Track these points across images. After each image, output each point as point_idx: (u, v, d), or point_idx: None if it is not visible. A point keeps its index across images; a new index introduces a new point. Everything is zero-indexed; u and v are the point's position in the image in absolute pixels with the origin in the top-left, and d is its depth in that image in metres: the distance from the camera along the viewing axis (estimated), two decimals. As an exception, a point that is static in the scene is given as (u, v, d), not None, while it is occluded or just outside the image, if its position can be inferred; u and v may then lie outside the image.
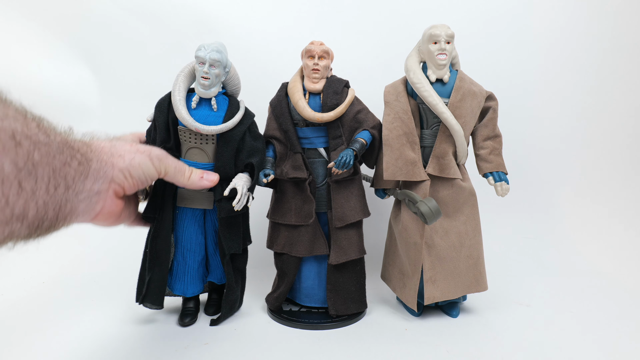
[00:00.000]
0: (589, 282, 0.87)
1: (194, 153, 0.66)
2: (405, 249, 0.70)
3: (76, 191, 0.42)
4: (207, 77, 0.63)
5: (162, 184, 0.66)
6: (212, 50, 0.64)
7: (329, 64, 0.69)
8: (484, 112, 0.71)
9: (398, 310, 0.75)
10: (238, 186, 0.64)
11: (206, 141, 0.66)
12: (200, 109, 0.66)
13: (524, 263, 0.98)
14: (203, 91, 0.65)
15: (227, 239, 0.67)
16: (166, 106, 0.66)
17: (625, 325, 0.68)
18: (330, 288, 0.70)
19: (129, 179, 0.54)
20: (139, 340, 0.63)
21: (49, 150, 0.38)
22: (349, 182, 0.70)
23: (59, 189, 0.38)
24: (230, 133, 0.65)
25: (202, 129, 0.63)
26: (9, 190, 0.33)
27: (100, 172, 0.48)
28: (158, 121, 0.66)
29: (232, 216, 0.66)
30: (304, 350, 0.61)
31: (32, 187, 0.35)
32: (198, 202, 0.68)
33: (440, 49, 0.66)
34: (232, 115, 0.66)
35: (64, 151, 0.40)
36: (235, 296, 0.69)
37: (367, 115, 0.70)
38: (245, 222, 0.72)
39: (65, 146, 0.41)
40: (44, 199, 0.36)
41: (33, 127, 0.37)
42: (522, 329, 0.67)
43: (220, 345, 0.62)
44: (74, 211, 0.43)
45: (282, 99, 0.70)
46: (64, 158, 0.40)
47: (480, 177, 0.72)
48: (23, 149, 0.34)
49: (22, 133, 0.35)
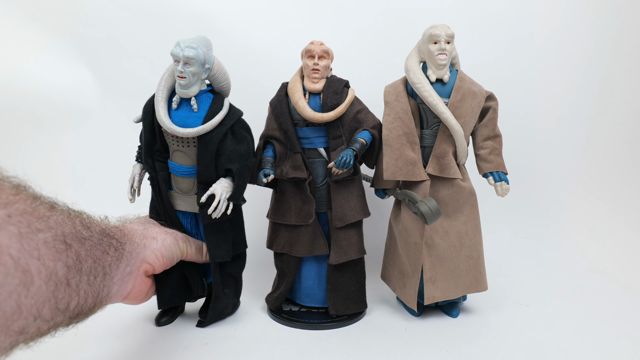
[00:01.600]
0: (590, 282, 0.87)
1: (178, 156, 0.65)
2: (405, 249, 0.70)
3: (112, 276, 0.45)
4: (182, 76, 0.60)
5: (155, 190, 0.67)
6: (186, 46, 0.59)
7: (329, 64, 0.69)
8: (484, 112, 0.71)
9: (398, 310, 0.75)
10: (216, 192, 0.61)
11: (187, 144, 0.64)
12: (181, 110, 0.63)
13: (524, 263, 0.98)
14: (182, 91, 0.62)
15: (214, 245, 0.65)
16: (151, 108, 0.64)
17: (626, 325, 0.68)
18: (330, 288, 0.70)
19: (160, 258, 0.58)
20: (139, 340, 0.63)
21: (91, 244, 0.41)
22: (349, 182, 0.70)
23: (98, 278, 0.41)
24: (209, 135, 0.62)
25: (178, 132, 0.61)
26: (59, 291, 0.35)
27: (133, 254, 0.52)
28: (144, 123, 0.65)
29: (217, 222, 0.64)
30: (304, 350, 0.61)
31: (77, 283, 0.38)
32: (186, 205, 0.67)
33: (440, 49, 0.66)
34: (212, 116, 0.62)
35: (103, 240, 0.44)
36: (222, 304, 0.68)
37: (367, 115, 0.70)
38: (238, 228, 0.69)
39: (103, 235, 0.45)
40: (84, 289, 0.39)
41: (77, 225, 0.40)
42: (522, 329, 0.67)
43: (220, 345, 0.62)
44: (109, 294, 0.46)
45: (282, 99, 0.70)
46: (103, 247, 0.44)
47: (480, 177, 0.72)
48: (73, 249, 0.37)
49: (70, 234, 0.38)
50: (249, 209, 0.75)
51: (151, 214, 0.68)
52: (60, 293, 0.35)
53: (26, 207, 0.34)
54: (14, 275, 0.30)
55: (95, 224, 0.44)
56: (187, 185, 0.66)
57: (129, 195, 0.67)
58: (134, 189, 0.67)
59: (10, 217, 0.32)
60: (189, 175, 0.66)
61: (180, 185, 0.67)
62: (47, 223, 0.35)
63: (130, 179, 0.67)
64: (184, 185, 0.66)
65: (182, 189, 0.67)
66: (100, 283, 0.42)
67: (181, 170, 0.65)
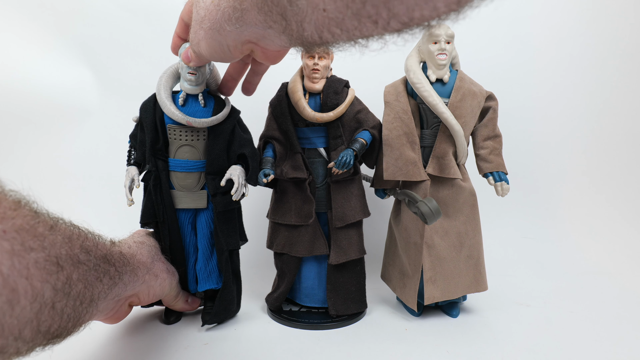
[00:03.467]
0: (590, 282, 0.87)
1: (185, 151, 0.66)
2: (405, 249, 0.70)
3: (97, 303, 0.44)
4: (194, 72, 0.64)
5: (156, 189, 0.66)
6: None
7: (329, 64, 0.69)
8: (484, 112, 0.71)
9: (398, 310, 0.75)
10: (233, 177, 0.64)
11: (197, 137, 0.66)
12: (187, 106, 0.66)
13: (524, 263, 0.98)
14: (191, 87, 0.65)
15: (226, 234, 0.67)
16: (152, 106, 0.66)
17: (626, 325, 0.68)
18: (330, 288, 0.70)
19: (151, 296, 0.59)
20: (139, 340, 0.63)
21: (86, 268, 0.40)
22: (349, 182, 0.70)
23: (84, 304, 0.40)
24: (221, 126, 0.66)
25: (195, 122, 0.64)
26: (43, 313, 0.34)
27: (128, 286, 0.51)
28: (145, 122, 0.65)
29: (228, 210, 0.67)
30: (304, 350, 0.61)
31: (62, 307, 0.37)
32: (189, 202, 0.68)
33: (440, 49, 0.66)
34: (220, 110, 0.66)
35: (100, 266, 0.43)
36: (231, 296, 0.68)
37: (367, 115, 0.70)
38: (240, 219, 0.71)
39: (102, 261, 0.44)
40: (68, 314, 0.38)
41: (76, 247, 0.39)
42: (522, 329, 0.67)
43: (220, 345, 0.62)
44: (90, 317, 0.44)
45: (282, 99, 0.70)
46: (98, 274, 0.43)
47: (480, 177, 0.72)
48: (64, 272, 0.37)
49: (66, 256, 0.37)
50: (249, 208, 0.75)
51: (147, 219, 0.67)
52: (43, 315, 0.34)
53: (23, 224, 0.33)
54: (1, 292, 0.30)
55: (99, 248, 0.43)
56: (192, 181, 0.67)
57: (130, 197, 0.65)
58: (135, 188, 0.67)
59: (5, 232, 0.31)
60: (196, 170, 0.67)
61: (183, 182, 0.67)
62: (42, 242, 0.35)
63: (128, 181, 0.65)
64: (189, 182, 0.67)
65: (186, 185, 0.67)
66: (85, 309, 0.41)
67: (188, 166, 0.67)
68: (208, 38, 0.45)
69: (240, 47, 0.44)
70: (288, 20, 0.33)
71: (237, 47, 0.45)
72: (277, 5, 0.33)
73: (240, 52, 0.46)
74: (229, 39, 0.43)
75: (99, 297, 0.44)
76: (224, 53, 0.46)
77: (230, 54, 0.46)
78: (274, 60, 0.49)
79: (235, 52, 0.46)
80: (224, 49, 0.45)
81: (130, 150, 0.69)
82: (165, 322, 0.68)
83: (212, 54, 0.48)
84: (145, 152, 0.66)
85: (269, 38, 0.40)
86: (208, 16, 0.43)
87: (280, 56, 0.49)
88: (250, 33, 0.40)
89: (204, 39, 0.46)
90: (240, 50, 0.45)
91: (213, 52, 0.47)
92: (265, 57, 0.47)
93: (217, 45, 0.45)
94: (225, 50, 0.46)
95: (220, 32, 0.43)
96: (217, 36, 0.44)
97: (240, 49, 0.45)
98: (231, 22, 0.40)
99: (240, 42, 0.43)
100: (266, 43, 0.42)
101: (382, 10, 0.27)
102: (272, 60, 0.49)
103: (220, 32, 0.43)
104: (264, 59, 0.48)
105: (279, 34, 0.36)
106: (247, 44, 0.44)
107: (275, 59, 0.49)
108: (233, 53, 0.46)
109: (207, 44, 0.46)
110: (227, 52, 0.46)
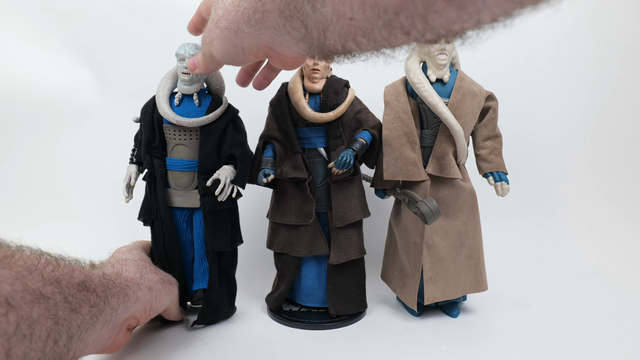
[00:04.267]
0: (590, 282, 0.87)
1: (179, 150, 0.68)
2: (405, 249, 0.70)
3: (81, 337, 0.40)
4: (187, 72, 0.65)
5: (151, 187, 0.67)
6: (191, 47, 0.65)
7: (328, 64, 0.69)
8: (484, 112, 0.71)
9: (398, 310, 0.75)
10: (221, 176, 0.65)
11: (190, 137, 0.67)
12: (183, 105, 0.67)
13: (524, 263, 0.98)
14: (185, 87, 0.66)
15: (213, 235, 0.66)
16: (151, 107, 0.68)
17: (626, 325, 0.68)
18: (330, 288, 0.70)
19: (149, 312, 0.55)
20: (138, 340, 0.63)
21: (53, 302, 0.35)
22: (349, 182, 0.70)
23: (59, 342, 0.36)
24: (213, 125, 0.66)
25: (183, 122, 0.65)
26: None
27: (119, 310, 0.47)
28: (144, 122, 0.68)
29: (218, 211, 0.67)
30: (304, 350, 0.61)
31: (24, 351, 0.32)
32: (184, 201, 0.68)
33: (441, 48, 0.66)
34: (214, 109, 0.67)
35: (75, 296, 0.39)
36: (218, 297, 0.67)
37: (367, 115, 0.70)
38: (234, 221, 0.71)
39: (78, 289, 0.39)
40: (39, 357, 0.34)
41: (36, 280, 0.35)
42: (522, 329, 0.67)
43: (220, 345, 0.62)
44: (78, 354, 0.40)
45: (282, 99, 0.70)
46: (72, 305, 0.38)
47: (480, 177, 0.72)
48: (16, 312, 0.32)
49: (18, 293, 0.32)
50: (249, 208, 0.75)
51: (142, 215, 0.69)
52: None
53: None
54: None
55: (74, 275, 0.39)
56: (186, 180, 0.68)
57: (125, 193, 0.68)
58: (131, 186, 0.68)
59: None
60: (189, 169, 0.68)
61: (178, 181, 0.68)
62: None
63: (126, 178, 0.69)
64: (183, 180, 0.68)
65: (181, 184, 0.68)
66: (64, 347, 0.36)
67: (182, 165, 0.67)
68: (223, 37, 0.44)
69: (256, 51, 0.43)
70: (309, 28, 0.32)
71: (251, 51, 0.43)
72: (299, 11, 0.31)
73: (255, 56, 0.44)
74: (245, 41, 0.42)
75: (80, 330, 0.39)
76: (237, 55, 0.45)
77: (244, 57, 0.45)
78: (291, 67, 0.47)
79: (250, 55, 0.44)
80: (238, 51, 0.44)
81: (133, 150, 0.71)
82: (165, 321, 0.68)
83: (224, 55, 0.46)
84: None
85: (286, 45, 0.38)
86: (226, 16, 0.42)
87: (298, 63, 0.47)
88: (267, 38, 0.39)
89: (218, 37, 0.44)
90: (255, 54, 0.44)
91: (225, 52, 0.45)
92: (282, 64, 0.46)
93: (231, 47, 0.44)
94: (238, 53, 0.44)
95: (237, 34, 0.42)
96: (232, 37, 0.43)
97: (255, 53, 0.44)
98: (250, 24, 0.39)
99: (256, 46, 0.42)
100: (283, 50, 0.40)
101: (417, 22, 0.26)
102: (289, 67, 0.47)
103: (237, 33, 0.41)
104: (281, 64, 0.46)
105: (297, 41, 0.35)
106: (263, 49, 0.42)
107: (292, 65, 0.47)
108: (247, 56, 0.45)
109: (221, 43, 0.45)
110: (240, 54, 0.44)
